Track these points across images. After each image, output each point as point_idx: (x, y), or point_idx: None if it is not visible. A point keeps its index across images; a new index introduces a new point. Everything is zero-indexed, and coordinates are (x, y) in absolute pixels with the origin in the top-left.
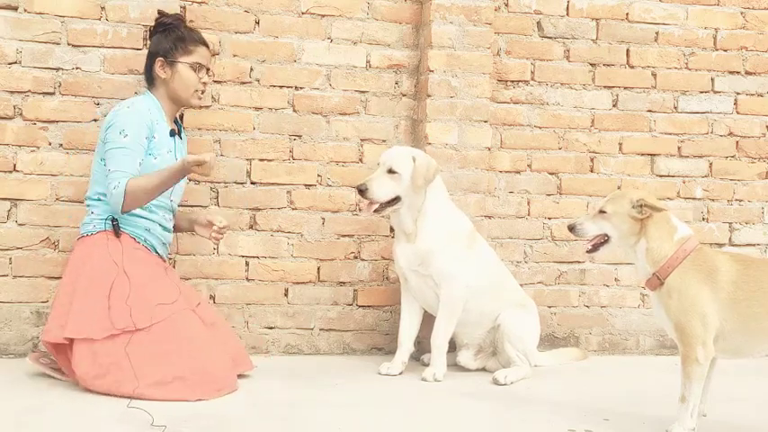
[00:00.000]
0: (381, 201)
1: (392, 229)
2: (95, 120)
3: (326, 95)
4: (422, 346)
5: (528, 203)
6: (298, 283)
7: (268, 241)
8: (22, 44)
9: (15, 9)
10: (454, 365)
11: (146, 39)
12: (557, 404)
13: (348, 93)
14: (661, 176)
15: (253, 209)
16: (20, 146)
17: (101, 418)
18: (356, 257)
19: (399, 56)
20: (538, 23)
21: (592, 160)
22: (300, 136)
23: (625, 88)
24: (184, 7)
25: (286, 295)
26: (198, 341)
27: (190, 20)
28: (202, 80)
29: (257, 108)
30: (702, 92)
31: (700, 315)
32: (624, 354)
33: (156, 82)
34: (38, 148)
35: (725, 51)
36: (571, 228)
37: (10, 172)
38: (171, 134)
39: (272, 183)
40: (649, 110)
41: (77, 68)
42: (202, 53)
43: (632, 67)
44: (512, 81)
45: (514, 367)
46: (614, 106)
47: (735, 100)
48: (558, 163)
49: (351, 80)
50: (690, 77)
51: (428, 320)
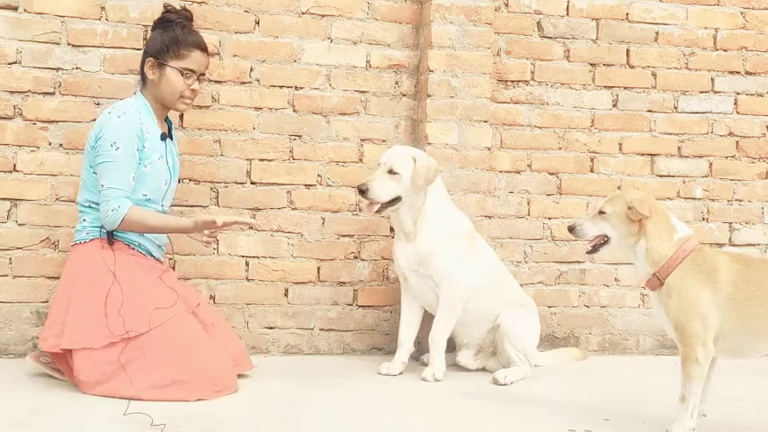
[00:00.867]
0: (382, 201)
1: (392, 229)
2: (95, 120)
3: (326, 95)
4: (422, 346)
5: (528, 203)
6: (298, 283)
7: (268, 241)
8: (22, 44)
9: (15, 9)
10: (454, 365)
11: (146, 36)
12: (557, 404)
13: (348, 93)
14: (661, 176)
15: (253, 209)
16: (20, 146)
17: (101, 419)
18: (356, 257)
19: (399, 56)
20: (538, 23)
21: (592, 160)
22: (300, 136)
23: (625, 88)
24: (184, 7)
25: (286, 295)
26: (197, 344)
27: None
28: (191, 86)
29: (257, 108)
30: (702, 92)
31: (699, 315)
32: (624, 354)
33: (147, 82)
34: (38, 148)
35: (725, 51)
36: (571, 228)
37: (10, 172)
38: (162, 138)
39: (272, 183)
40: (649, 110)
41: (77, 68)
42: (196, 58)
43: (632, 67)
44: (512, 81)
45: (514, 367)
46: (614, 106)
47: (735, 100)
48: (558, 163)
49: (351, 80)
50: (690, 77)
51: (428, 320)
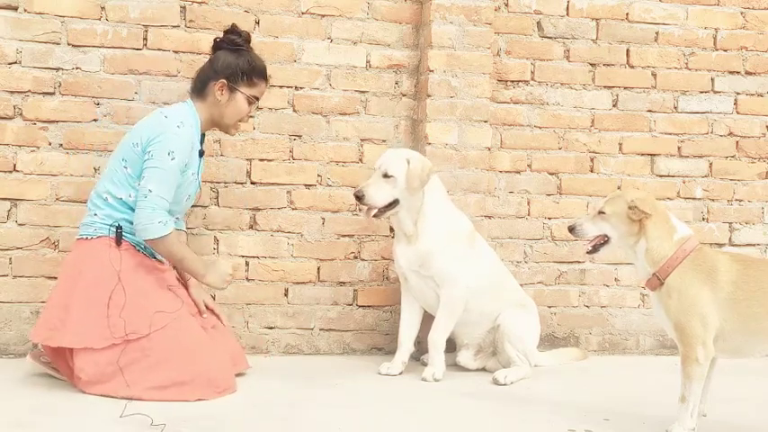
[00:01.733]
0: (379, 206)
1: (392, 229)
2: (95, 120)
3: (326, 95)
4: (422, 346)
5: (528, 203)
6: (298, 283)
7: (268, 241)
8: (22, 44)
9: (15, 9)
10: (454, 365)
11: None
12: (557, 404)
13: (348, 93)
14: (661, 176)
15: (253, 209)
16: (20, 146)
17: (101, 419)
18: (356, 257)
19: (399, 56)
20: (538, 23)
21: (592, 160)
22: (300, 136)
23: (625, 88)
24: (184, 7)
25: (286, 295)
26: (198, 346)
27: (190, 20)
28: (250, 113)
29: (257, 108)
30: (702, 92)
31: (699, 315)
32: (624, 354)
33: (208, 99)
34: (38, 148)
35: (725, 51)
36: (571, 228)
37: (10, 172)
38: (200, 154)
39: (272, 183)
40: (649, 110)
41: (77, 68)
42: (262, 88)
43: (632, 67)
44: (512, 81)
45: (514, 367)
46: (614, 106)
47: (735, 100)
48: (558, 163)
49: (351, 80)
50: (690, 77)
51: (428, 320)
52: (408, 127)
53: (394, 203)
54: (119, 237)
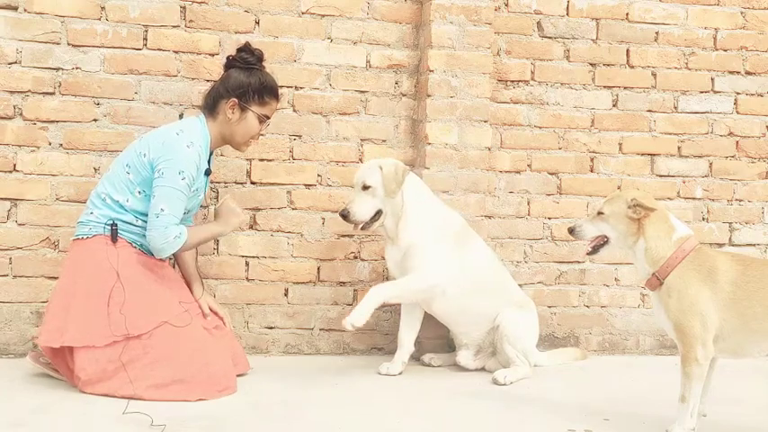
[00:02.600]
0: (365, 219)
1: None
2: (95, 120)
3: (326, 95)
4: (422, 346)
5: (528, 203)
6: (298, 283)
7: (268, 241)
8: (22, 44)
9: (15, 9)
10: (454, 365)
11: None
12: (557, 404)
13: (348, 93)
14: (661, 176)
15: (253, 209)
16: (20, 146)
17: (101, 418)
18: (356, 257)
19: (399, 56)
20: (538, 23)
21: (592, 160)
22: (300, 136)
23: (625, 88)
24: (184, 7)
25: (286, 295)
26: (198, 344)
27: (190, 20)
28: (261, 131)
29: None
30: (702, 92)
31: (699, 315)
32: (624, 354)
33: (218, 117)
34: (38, 148)
35: (725, 51)
36: (571, 230)
37: (10, 172)
38: (206, 173)
39: (272, 183)
40: (649, 110)
41: (77, 68)
42: (273, 107)
43: (632, 67)
44: (512, 81)
45: (514, 367)
46: (614, 106)
47: (735, 100)
48: (558, 163)
49: (351, 80)
50: (690, 77)
51: (428, 320)
52: (408, 127)
53: (378, 214)
54: (114, 234)
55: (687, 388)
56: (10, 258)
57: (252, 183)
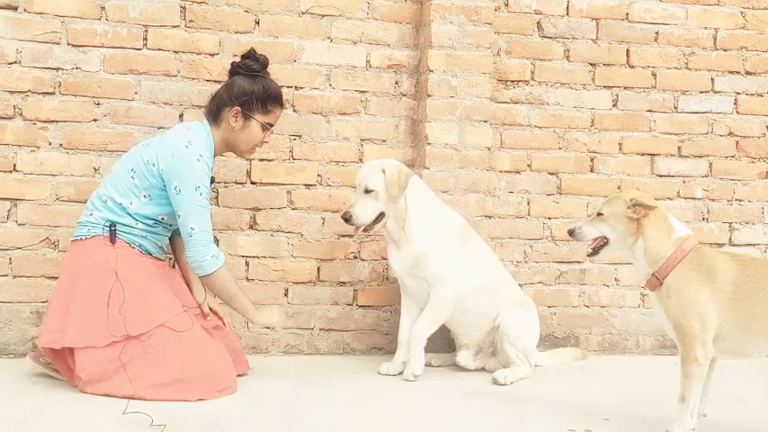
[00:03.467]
0: (367, 222)
1: None
2: (95, 120)
3: (326, 95)
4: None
5: (528, 203)
6: (298, 283)
7: (268, 241)
8: (22, 44)
9: (15, 9)
10: (454, 365)
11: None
12: (557, 404)
13: (348, 93)
14: (661, 176)
15: (253, 209)
16: (20, 146)
17: (101, 418)
18: (356, 257)
19: (399, 56)
20: (538, 23)
21: (592, 160)
22: (300, 136)
23: (625, 88)
24: (184, 7)
25: (286, 295)
26: (198, 343)
27: (190, 20)
28: (265, 139)
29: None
30: (702, 92)
31: (699, 315)
32: (624, 354)
33: (222, 124)
34: (38, 148)
35: (725, 51)
36: (571, 232)
37: (10, 172)
38: (211, 181)
39: (272, 183)
40: (649, 110)
41: (77, 68)
42: (277, 114)
43: (632, 67)
44: (512, 81)
45: (514, 367)
46: (614, 106)
47: (735, 100)
48: (558, 163)
49: (351, 80)
50: (690, 77)
51: None
52: (408, 127)
53: (380, 216)
54: (113, 235)
55: (687, 388)
56: (10, 258)
57: (252, 183)
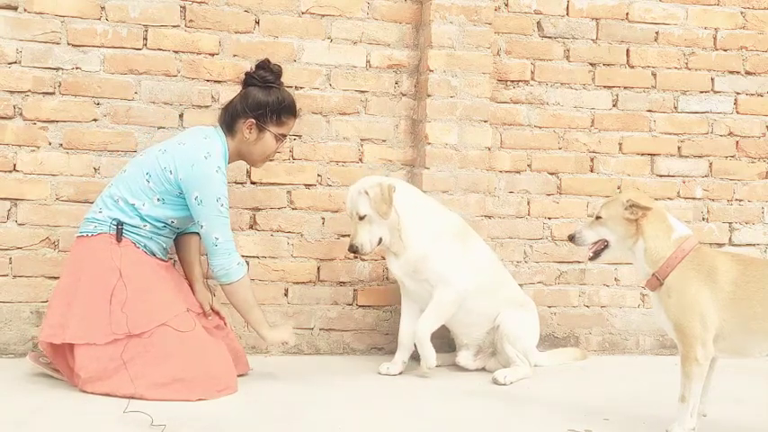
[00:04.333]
0: (374, 249)
1: None
2: (95, 120)
3: (326, 95)
4: None
5: (528, 203)
6: (298, 283)
7: (268, 241)
8: (22, 44)
9: (15, 9)
10: (454, 365)
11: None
12: (557, 404)
13: (348, 93)
14: (661, 176)
15: (253, 209)
16: (20, 146)
17: (101, 418)
18: (356, 257)
19: (399, 56)
20: (538, 23)
21: (592, 160)
22: (300, 136)
23: (625, 88)
24: (184, 7)
25: (286, 295)
26: (199, 342)
27: (190, 19)
28: (278, 149)
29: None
30: (702, 92)
31: (699, 315)
32: (624, 354)
33: (236, 135)
34: (38, 148)
35: (725, 51)
36: (571, 237)
37: (10, 172)
38: None
39: (272, 183)
40: (649, 110)
41: (77, 68)
42: (291, 125)
43: (632, 67)
44: (512, 81)
45: (514, 367)
46: (614, 106)
47: (735, 100)
48: (558, 163)
49: (351, 80)
50: (690, 77)
51: None
52: (408, 127)
53: (381, 239)
54: (119, 233)
55: (687, 388)
56: (10, 258)
57: (252, 183)
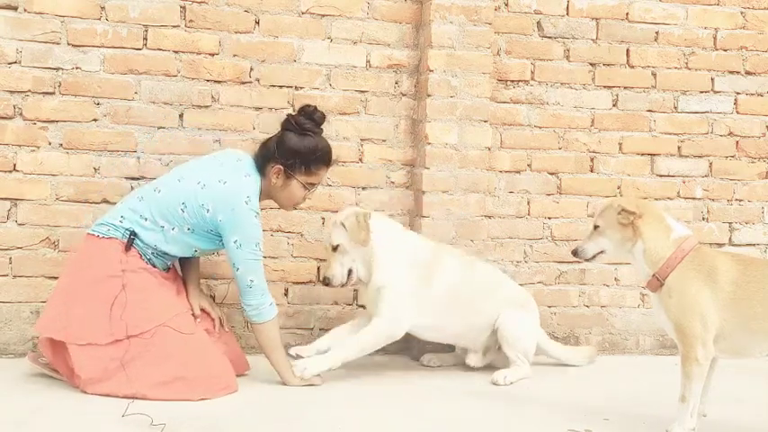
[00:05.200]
0: (343, 282)
1: None
2: (95, 120)
3: (326, 95)
4: (422, 347)
5: (528, 203)
6: (298, 283)
7: (268, 241)
8: (22, 44)
9: (15, 9)
10: (453, 366)
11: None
12: (557, 404)
13: (348, 93)
14: (661, 176)
15: None
16: (20, 146)
17: (101, 418)
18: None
19: (399, 56)
20: (538, 23)
21: (592, 160)
22: None
23: (625, 88)
24: (184, 7)
25: (286, 295)
26: (199, 342)
27: (190, 19)
28: (307, 197)
29: (257, 108)
30: (702, 92)
31: (699, 315)
32: (624, 354)
33: (266, 177)
34: (38, 148)
35: (725, 51)
36: (574, 252)
37: (10, 172)
38: None
39: None
40: (649, 110)
41: (77, 68)
42: (322, 175)
43: (632, 67)
44: (512, 81)
45: (514, 367)
46: (614, 106)
47: (735, 100)
48: (558, 163)
49: (351, 80)
50: (690, 77)
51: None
52: (408, 127)
53: (350, 272)
54: (129, 243)
55: (687, 388)
56: (10, 258)
57: None
